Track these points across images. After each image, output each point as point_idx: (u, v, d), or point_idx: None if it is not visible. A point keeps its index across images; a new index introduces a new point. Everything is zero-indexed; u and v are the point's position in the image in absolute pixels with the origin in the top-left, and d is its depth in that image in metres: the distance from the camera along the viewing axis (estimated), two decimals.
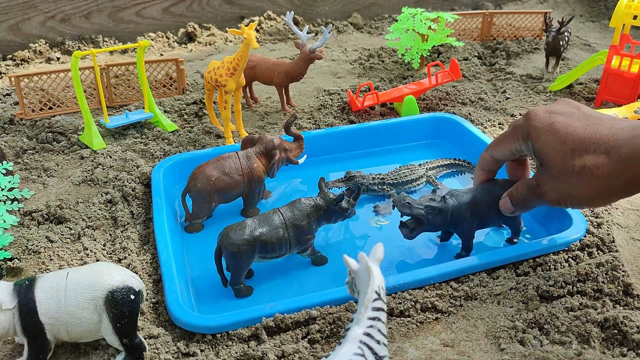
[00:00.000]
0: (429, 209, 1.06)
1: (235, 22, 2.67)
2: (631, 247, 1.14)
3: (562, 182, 0.88)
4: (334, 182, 1.33)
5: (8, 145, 1.56)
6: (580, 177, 0.85)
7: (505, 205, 1.03)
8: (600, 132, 0.85)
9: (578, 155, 0.85)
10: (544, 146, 0.90)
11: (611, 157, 0.82)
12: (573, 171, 0.86)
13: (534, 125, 0.93)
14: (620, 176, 0.82)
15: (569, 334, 0.91)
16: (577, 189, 0.86)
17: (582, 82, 1.94)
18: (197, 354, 0.90)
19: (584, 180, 0.85)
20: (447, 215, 1.07)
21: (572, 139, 0.87)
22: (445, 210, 1.06)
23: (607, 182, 0.83)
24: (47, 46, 2.34)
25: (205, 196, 1.20)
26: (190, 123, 1.69)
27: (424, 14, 1.98)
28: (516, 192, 1.00)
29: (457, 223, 1.08)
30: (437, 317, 0.97)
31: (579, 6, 2.97)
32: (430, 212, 1.06)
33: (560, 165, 0.88)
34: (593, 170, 0.83)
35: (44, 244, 1.15)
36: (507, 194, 1.03)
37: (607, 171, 0.82)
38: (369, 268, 0.73)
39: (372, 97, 1.71)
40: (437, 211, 1.06)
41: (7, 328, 0.83)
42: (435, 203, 1.06)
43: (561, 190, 0.89)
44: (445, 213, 1.06)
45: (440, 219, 1.06)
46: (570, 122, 0.89)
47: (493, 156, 1.04)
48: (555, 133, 0.89)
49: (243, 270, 1.03)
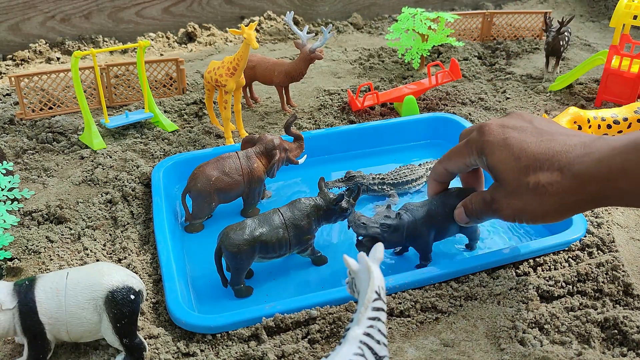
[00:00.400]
0: (384, 227, 1.03)
1: (235, 22, 2.67)
2: (631, 247, 1.14)
3: (517, 199, 0.88)
4: (334, 182, 1.33)
5: (8, 145, 1.56)
6: (534, 194, 0.85)
7: (459, 216, 1.02)
8: (553, 148, 0.85)
9: (532, 172, 0.85)
10: (498, 162, 0.90)
11: (564, 175, 0.82)
12: (527, 188, 0.86)
13: (488, 140, 0.92)
14: (573, 193, 0.82)
15: (569, 334, 0.91)
16: (532, 206, 0.87)
17: (582, 82, 1.94)
18: (197, 354, 0.90)
19: (539, 197, 0.85)
20: (403, 231, 1.05)
21: (525, 155, 0.87)
22: (401, 227, 1.04)
23: (561, 199, 0.83)
24: (47, 46, 2.34)
25: (205, 196, 1.20)
26: (190, 123, 1.69)
27: (424, 14, 1.98)
28: (470, 204, 0.99)
29: (414, 238, 1.06)
30: (437, 317, 0.97)
31: (579, 6, 2.97)
32: (385, 230, 1.04)
33: (514, 181, 0.88)
34: (547, 187, 0.84)
35: (44, 244, 1.15)
36: (461, 204, 1.02)
37: (561, 188, 0.83)
38: (369, 268, 0.73)
39: (372, 97, 1.71)
40: (392, 228, 1.04)
41: (7, 328, 0.83)
42: (390, 220, 1.04)
43: (516, 207, 0.89)
44: (401, 229, 1.04)
45: (396, 235, 1.04)
46: (523, 137, 0.89)
47: (447, 169, 1.04)
48: (509, 149, 0.89)
49: (243, 271, 1.03)
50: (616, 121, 1.39)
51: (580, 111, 1.39)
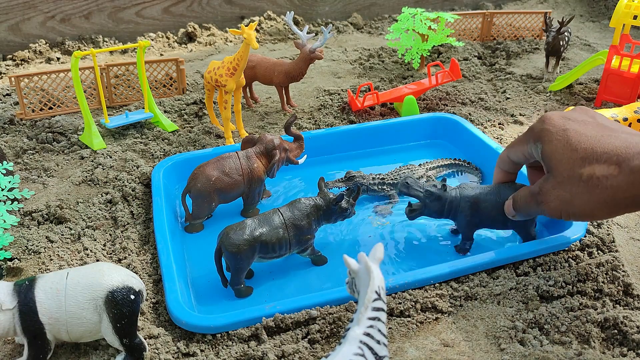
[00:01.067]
0: (427, 193, 1.09)
1: (235, 22, 2.67)
2: (631, 247, 1.14)
3: (566, 190, 0.86)
4: (334, 182, 1.33)
5: (8, 145, 1.56)
6: (586, 186, 0.83)
7: (507, 208, 1.03)
8: (613, 143, 0.83)
9: (587, 164, 0.84)
10: (554, 151, 0.89)
11: (622, 169, 0.80)
12: (580, 179, 0.84)
13: (546, 129, 0.92)
14: (628, 189, 0.80)
15: (569, 334, 0.91)
16: (581, 199, 0.85)
17: (582, 82, 1.94)
18: (197, 354, 0.90)
19: (590, 189, 0.83)
20: (444, 203, 1.09)
21: (583, 147, 0.85)
22: (444, 199, 1.08)
23: (614, 194, 0.81)
24: (47, 46, 2.34)
25: (205, 196, 1.20)
26: (190, 123, 1.69)
27: (424, 14, 1.98)
28: (518, 196, 0.99)
29: (455, 214, 1.10)
30: (437, 317, 0.97)
31: (579, 6, 2.97)
32: (428, 196, 1.09)
33: (567, 172, 0.86)
34: (602, 180, 0.82)
35: (44, 244, 1.15)
36: (512, 197, 1.02)
37: (616, 183, 0.81)
38: (369, 268, 0.73)
39: (372, 97, 1.71)
40: (434, 197, 1.08)
41: (7, 328, 0.83)
42: (435, 189, 1.09)
43: (564, 199, 0.87)
44: (443, 201, 1.09)
45: (437, 205, 1.09)
46: (583, 130, 0.88)
47: (509, 156, 1.03)
48: (567, 139, 0.88)
49: (243, 271, 1.03)
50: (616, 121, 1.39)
51: None
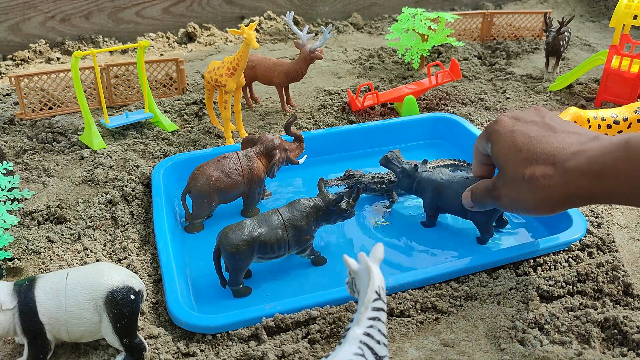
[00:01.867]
0: (401, 169, 1.21)
1: (235, 22, 2.67)
2: (631, 247, 1.14)
3: (513, 189, 0.92)
4: (333, 180, 1.33)
5: (8, 145, 1.56)
6: (528, 185, 0.89)
7: (465, 199, 1.06)
8: (551, 143, 0.88)
9: (529, 165, 0.89)
10: (501, 151, 0.95)
11: (557, 169, 0.85)
12: (523, 179, 0.89)
13: (496, 130, 0.97)
14: (563, 188, 0.85)
15: (569, 334, 0.91)
16: (525, 196, 0.90)
17: (582, 82, 1.94)
18: (197, 354, 0.90)
19: (532, 188, 0.88)
20: (413, 181, 1.20)
21: (527, 149, 0.90)
22: (413, 177, 1.19)
23: (552, 193, 0.86)
24: (47, 46, 2.34)
25: (205, 196, 1.20)
26: (190, 123, 1.69)
27: (424, 14, 1.98)
28: (476, 189, 1.03)
29: (421, 193, 1.20)
30: (437, 317, 0.97)
31: (579, 6, 2.97)
32: (401, 172, 1.21)
33: (513, 172, 0.92)
34: (540, 179, 0.87)
35: (44, 244, 1.15)
36: (470, 188, 1.05)
37: (553, 182, 0.86)
38: (369, 268, 0.73)
39: (372, 97, 1.71)
40: (405, 174, 1.20)
41: (7, 328, 0.83)
42: (408, 166, 1.21)
43: (512, 196, 0.93)
44: (412, 179, 1.20)
45: (407, 181, 1.21)
46: (528, 131, 0.93)
47: (477, 147, 1.07)
48: (513, 140, 0.93)
49: (242, 271, 1.03)
50: (616, 121, 1.39)
51: (580, 111, 1.39)
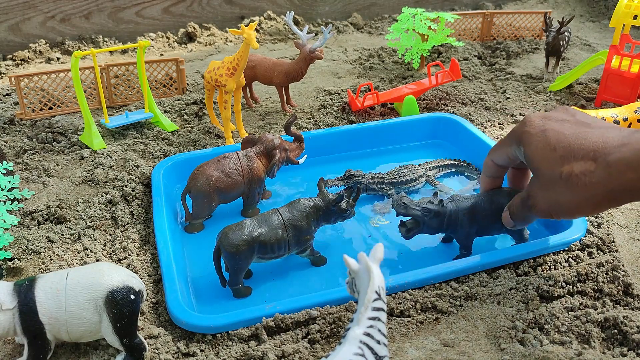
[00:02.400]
0: (425, 211, 1.06)
1: (235, 22, 2.67)
2: (631, 247, 1.14)
3: (551, 191, 0.87)
4: (333, 180, 1.33)
5: (8, 145, 1.56)
6: (567, 184, 0.84)
7: (506, 219, 1.03)
8: (589, 139, 0.84)
9: (566, 162, 0.84)
10: (535, 152, 0.90)
11: (599, 164, 0.80)
12: (560, 178, 0.84)
13: (527, 131, 0.92)
14: (607, 184, 0.80)
15: (569, 334, 0.91)
16: (565, 197, 0.85)
17: (582, 82, 1.94)
18: (197, 354, 0.90)
19: (571, 187, 0.83)
20: (444, 218, 1.07)
21: (562, 146, 0.86)
22: (443, 214, 1.07)
23: (594, 190, 0.81)
24: (47, 46, 2.34)
25: (205, 196, 1.20)
26: (190, 123, 1.69)
27: (424, 14, 1.98)
28: (513, 206, 0.99)
29: (454, 227, 1.08)
30: (437, 317, 0.97)
31: (579, 6, 2.97)
32: (426, 214, 1.06)
33: (549, 172, 0.87)
34: (580, 177, 0.82)
35: (44, 244, 1.15)
36: (507, 208, 1.02)
37: (595, 178, 0.80)
38: (369, 268, 0.73)
39: (372, 97, 1.71)
40: (433, 214, 1.06)
41: (7, 328, 0.83)
42: (433, 206, 1.07)
43: (550, 200, 0.88)
44: (442, 216, 1.07)
45: (436, 221, 1.07)
46: (561, 129, 0.89)
47: (493, 160, 1.04)
48: (546, 140, 0.88)
49: (242, 271, 1.03)
50: (616, 121, 1.39)
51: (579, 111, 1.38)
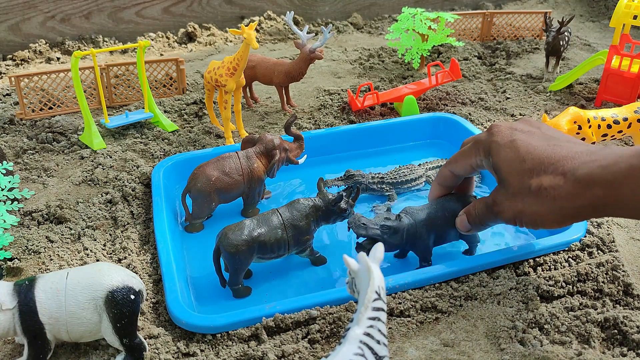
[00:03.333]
0: (384, 228, 1.03)
1: (235, 22, 2.67)
2: (631, 247, 1.13)
3: (518, 201, 0.88)
4: (333, 180, 1.33)
5: (8, 145, 1.56)
6: (536, 197, 0.85)
7: (462, 224, 1.02)
8: (559, 153, 0.85)
9: (536, 175, 0.85)
10: (504, 163, 0.90)
11: (567, 179, 0.82)
12: (529, 190, 0.86)
13: (495, 141, 0.93)
14: (574, 199, 0.81)
15: (569, 334, 0.91)
16: (532, 209, 0.86)
17: (582, 82, 1.94)
18: (197, 354, 0.90)
19: (540, 200, 0.84)
20: (402, 234, 1.04)
21: (531, 158, 0.87)
22: (401, 229, 1.04)
23: (562, 204, 0.83)
24: (47, 46, 2.34)
25: (205, 196, 1.20)
26: (190, 123, 1.69)
27: (424, 14, 1.98)
28: (474, 211, 0.99)
29: (413, 241, 1.06)
30: (437, 317, 0.97)
31: (579, 6, 2.97)
32: (386, 231, 1.03)
33: (517, 183, 0.88)
34: (549, 190, 0.83)
35: (44, 244, 1.15)
36: (464, 212, 1.02)
37: (563, 192, 0.82)
38: (369, 268, 0.73)
39: (372, 97, 1.71)
40: (392, 230, 1.03)
41: (7, 328, 0.83)
42: (391, 222, 1.04)
43: (517, 209, 0.89)
44: (401, 232, 1.04)
45: (396, 237, 1.04)
46: (531, 141, 0.90)
47: (453, 171, 1.04)
48: (515, 151, 0.89)
49: (241, 271, 1.03)
50: (616, 121, 1.39)
51: (580, 111, 1.38)
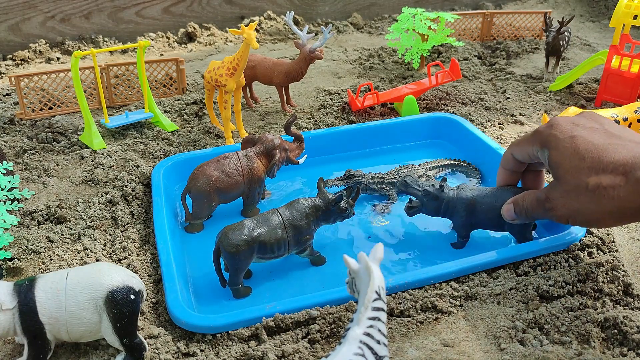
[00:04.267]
0: (425, 192, 1.11)
1: (235, 22, 2.67)
2: (631, 247, 1.13)
3: (574, 199, 0.86)
4: (333, 180, 1.33)
5: (8, 145, 1.56)
6: (593, 195, 0.83)
7: (507, 212, 1.01)
8: (620, 152, 0.83)
9: (594, 174, 0.83)
10: (561, 158, 0.88)
11: (628, 179, 0.80)
12: (587, 189, 0.84)
13: (554, 134, 0.90)
14: (635, 200, 0.79)
15: (569, 334, 0.91)
16: (589, 208, 0.84)
17: (582, 82, 1.94)
18: (197, 354, 0.90)
19: (597, 199, 0.82)
20: (441, 203, 1.10)
21: (591, 156, 0.84)
22: (441, 199, 1.10)
23: (620, 204, 0.81)
24: (47, 46, 2.34)
25: (205, 196, 1.20)
26: (190, 123, 1.69)
27: (424, 14, 1.98)
28: (522, 201, 0.97)
29: (451, 214, 1.11)
30: (437, 317, 0.97)
31: (579, 6, 2.97)
32: (425, 195, 1.11)
33: (574, 181, 0.85)
34: (608, 190, 0.81)
35: (44, 244, 1.15)
36: (511, 200, 1.00)
37: (623, 193, 0.80)
38: (369, 268, 0.73)
39: (372, 97, 1.71)
40: (432, 197, 1.10)
41: (7, 328, 0.83)
42: (432, 189, 1.11)
43: (572, 207, 0.87)
44: (439, 201, 1.10)
45: (434, 204, 1.11)
46: (591, 137, 0.87)
47: (513, 154, 1.02)
48: (574, 147, 0.87)
49: (241, 271, 1.03)
50: (616, 121, 1.39)
51: (580, 111, 1.38)
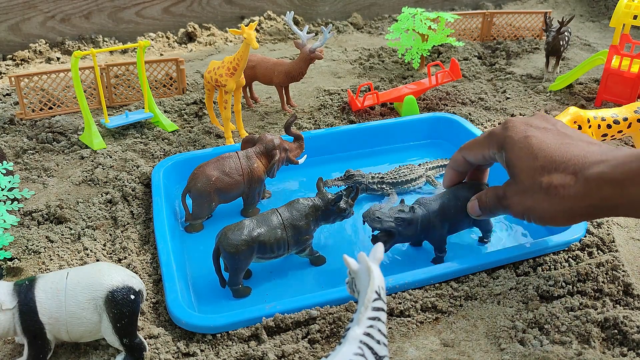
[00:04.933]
0: (398, 220, 1.05)
1: (235, 22, 2.67)
2: (631, 247, 1.14)
3: (528, 197, 0.89)
4: (333, 180, 1.33)
5: (8, 145, 1.56)
6: (546, 194, 0.85)
7: (472, 209, 1.03)
8: (571, 152, 0.85)
9: (547, 173, 0.86)
10: (516, 158, 0.91)
11: (578, 178, 0.82)
12: (540, 188, 0.86)
13: (509, 136, 0.93)
14: (584, 198, 0.82)
15: (569, 334, 0.91)
16: (542, 206, 0.87)
17: (582, 82, 1.94)
18: (197, 354, 0.90)
19: (549, 198, 0.85)
20: (417, 225, 1.06)
21: (543, 156, 0.87)
22: (415, 220, 1.06)
23: (571, 203, 0.83)
24: (47, 46, 2.34)
25: (205, 196, 1.20)
26: (190, 123, 1.69)
27: (424, 14, 1.98)
28: (485, 198, 1.00)
29: (427, 231, 1.08)
30: (437, 317, 0.97)
31: (579, 6, 2.97)
32: (400, 223, 1.05)
33: (528, 180, 0.88)
34: (559, 189, 0.84)
35: (44, 244, 1.15)
36: (475, 197, 1.03)
37: (572, 192, 0.82)
38: (369, 268, 0.73)
39: (372, 97, 1.71)
40: (407, 222, 1.05)
41: (7, 328, 0.83)
42: (405, 214, 1.06)
43: (526, 205, 0.90)
44: (415, 223, 1.06)
45: (411, 229, 1.06)
46: (544, 138, 0.90)
47: (465, 157, 1.04)
48: (528, 147, 0.90)
49: (241, 271, 1.03)
50: (616, 121, 1.39)
51: (580, 111, 1.38)
